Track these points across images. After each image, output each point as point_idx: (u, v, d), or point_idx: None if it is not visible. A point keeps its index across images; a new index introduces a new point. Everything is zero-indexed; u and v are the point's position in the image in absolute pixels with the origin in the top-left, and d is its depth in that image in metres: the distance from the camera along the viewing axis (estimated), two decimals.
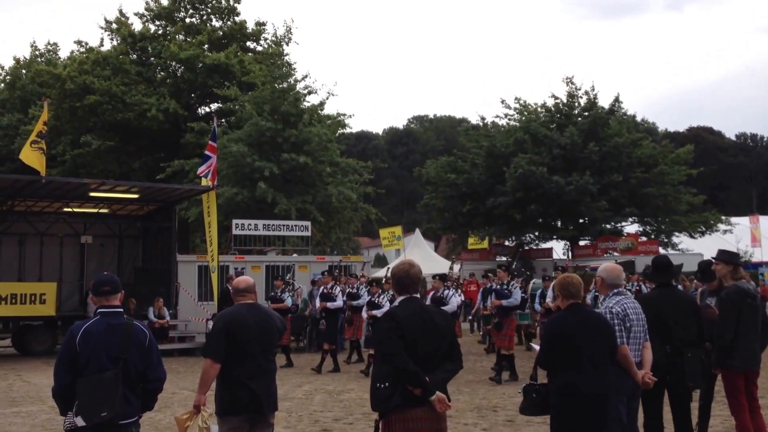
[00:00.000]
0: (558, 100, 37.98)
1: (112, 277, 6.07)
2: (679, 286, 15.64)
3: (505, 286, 16.45)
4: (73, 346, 5.56)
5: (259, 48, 41.61)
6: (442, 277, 17.85)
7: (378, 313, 16.96)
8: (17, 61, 48.65)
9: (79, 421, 5.43)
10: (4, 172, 36.06)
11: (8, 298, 21.66)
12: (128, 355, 5.62)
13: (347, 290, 19.53)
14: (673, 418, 8.06)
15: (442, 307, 15.11)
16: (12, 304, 21.65)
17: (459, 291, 23.95)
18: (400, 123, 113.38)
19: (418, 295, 5.85)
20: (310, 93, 35.32)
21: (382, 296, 17.64)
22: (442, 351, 5.55)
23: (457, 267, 37.01)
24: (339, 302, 18.94)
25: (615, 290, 7.29)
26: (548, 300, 17.39)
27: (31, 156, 20.85)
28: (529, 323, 20.82)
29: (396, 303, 5.80)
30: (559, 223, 37.40)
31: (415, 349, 5.36)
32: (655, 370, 7.22)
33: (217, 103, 39.54)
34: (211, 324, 17.91)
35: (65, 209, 25.44)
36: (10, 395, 14.81)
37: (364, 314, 17.91)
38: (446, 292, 16.89)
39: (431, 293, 17.55)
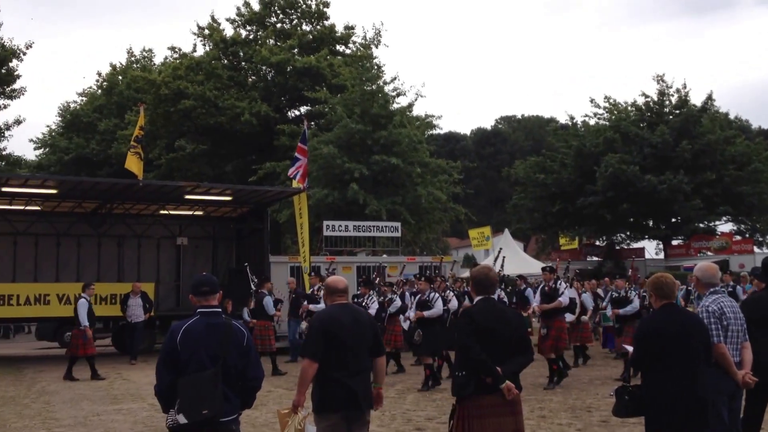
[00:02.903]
0: (648, 99, 37.55)
1: (211, 278, 6.14)
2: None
3: (426, 298, 15.42)
4: (174, 345, 5.65)
5: (348, 51, 41.90)
6: (550, 269, 16.21)
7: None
8: (113, 67, 49.98)
9: (181, 419, 5.50)
10: (102, 176, 37.11)
11: (108, 299, 22.37)
12: (227, 353, 5.67)
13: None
14: None
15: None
16: (112, 304, 22.34)
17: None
18: (487, 123, 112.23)
19: (494, 296, 6.53)
20: (399, 95, 35.46)
21: (370, 298, 17.25)
22: (513, 344, 6.18)
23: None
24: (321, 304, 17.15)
25: (711, 289, 7.17)
26: (534, 304, 16.34)
27: (129, 160, 21.51)
28: (611, 324, 18.44)
29: (474, 302, 6.46)
30: (651, 223, 36.92)
31: (489, 342, 6.02)
32: (763, 371, 7.11)
33: (307, 105, 39.96)
34: (303, 324, 18.10)
35: (161, 212, 26.05)
36: (112, 393, 15.27)
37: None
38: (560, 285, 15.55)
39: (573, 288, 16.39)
